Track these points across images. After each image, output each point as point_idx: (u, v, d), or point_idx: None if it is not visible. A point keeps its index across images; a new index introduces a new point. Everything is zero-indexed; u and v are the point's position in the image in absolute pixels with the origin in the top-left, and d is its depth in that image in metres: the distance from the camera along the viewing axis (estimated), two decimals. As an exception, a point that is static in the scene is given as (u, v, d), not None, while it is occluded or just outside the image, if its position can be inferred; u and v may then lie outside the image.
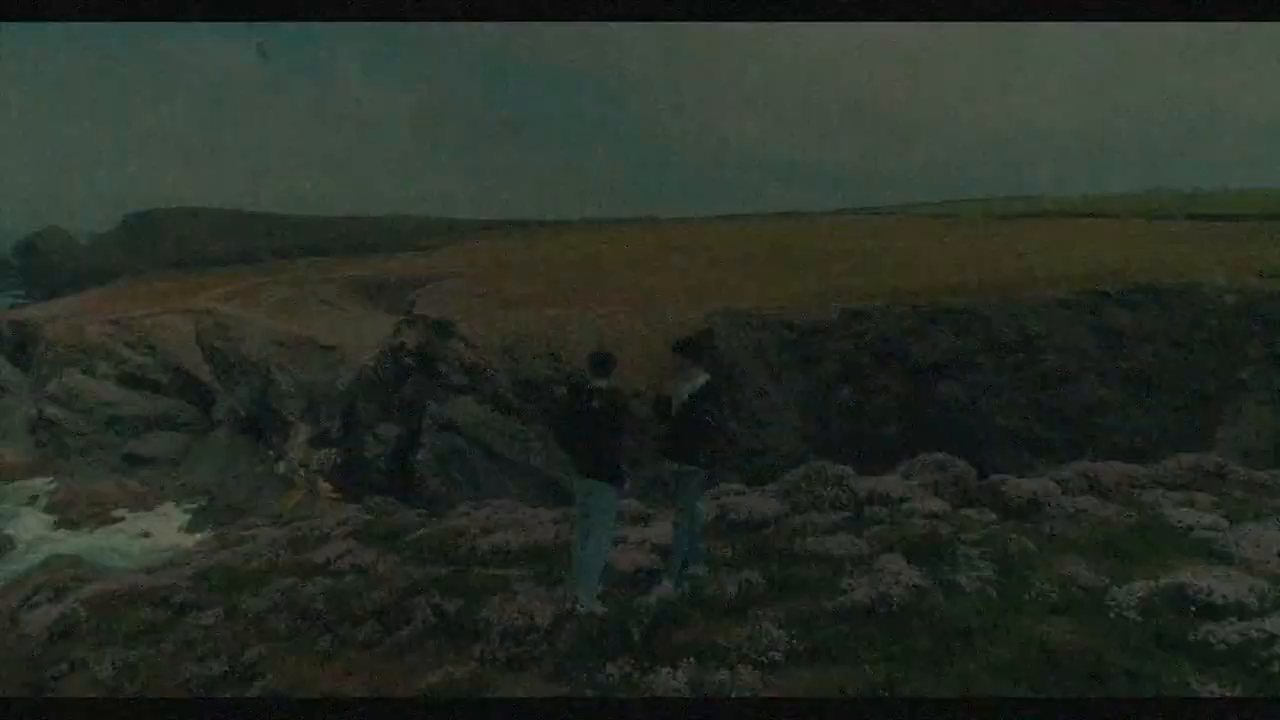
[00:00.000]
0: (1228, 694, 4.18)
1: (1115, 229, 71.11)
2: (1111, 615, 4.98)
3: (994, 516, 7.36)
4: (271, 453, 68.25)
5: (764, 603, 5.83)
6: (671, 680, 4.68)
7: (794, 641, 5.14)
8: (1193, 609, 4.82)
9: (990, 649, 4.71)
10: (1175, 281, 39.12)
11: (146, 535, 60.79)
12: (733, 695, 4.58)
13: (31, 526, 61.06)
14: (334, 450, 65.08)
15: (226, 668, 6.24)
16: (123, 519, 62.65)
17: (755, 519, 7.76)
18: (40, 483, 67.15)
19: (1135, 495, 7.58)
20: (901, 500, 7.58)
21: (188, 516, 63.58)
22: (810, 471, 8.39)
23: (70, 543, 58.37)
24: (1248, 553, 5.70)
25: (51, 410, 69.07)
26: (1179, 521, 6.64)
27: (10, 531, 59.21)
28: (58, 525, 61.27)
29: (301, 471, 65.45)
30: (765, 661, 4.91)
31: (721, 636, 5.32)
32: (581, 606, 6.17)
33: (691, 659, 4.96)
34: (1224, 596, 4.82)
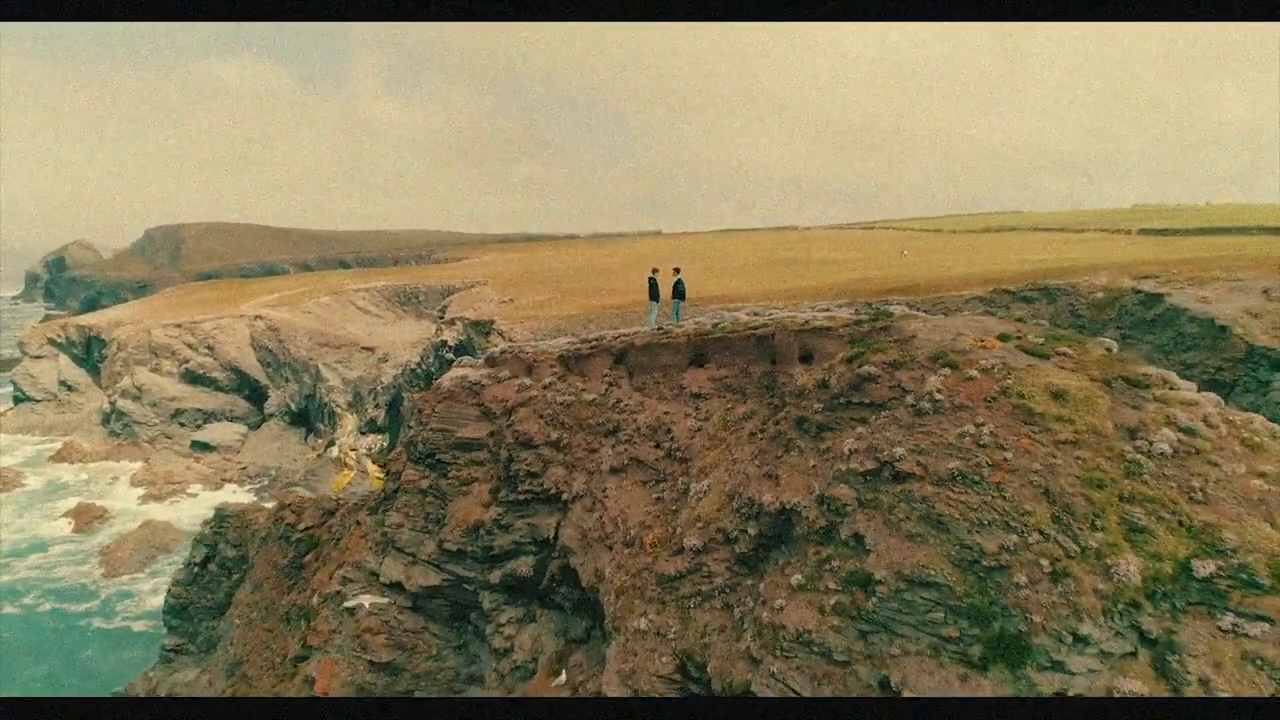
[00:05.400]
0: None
1: (1063, 241, 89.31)
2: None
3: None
4: (321, 440, 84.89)
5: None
6: (676, 328, 22.70)
7: (699, 320, 23.73)
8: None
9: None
10: (1061, 281, 56.82)
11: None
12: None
13: (121, 499, 77.76)
14: (381, 436, 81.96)
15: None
16: (197, 494, 79.56)
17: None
18: (116, 465, 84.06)
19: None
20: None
21: (250, 494, 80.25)
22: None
23: (158, 512, 76.19)
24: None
25: (124, 404, 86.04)
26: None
27: (105, 504, 75.97)
28: (144, 499, 77.88)
29: (351, 455, 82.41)
30: (696, 327, 23.14)
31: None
32: (649, 327, 25.07)
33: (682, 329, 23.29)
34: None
